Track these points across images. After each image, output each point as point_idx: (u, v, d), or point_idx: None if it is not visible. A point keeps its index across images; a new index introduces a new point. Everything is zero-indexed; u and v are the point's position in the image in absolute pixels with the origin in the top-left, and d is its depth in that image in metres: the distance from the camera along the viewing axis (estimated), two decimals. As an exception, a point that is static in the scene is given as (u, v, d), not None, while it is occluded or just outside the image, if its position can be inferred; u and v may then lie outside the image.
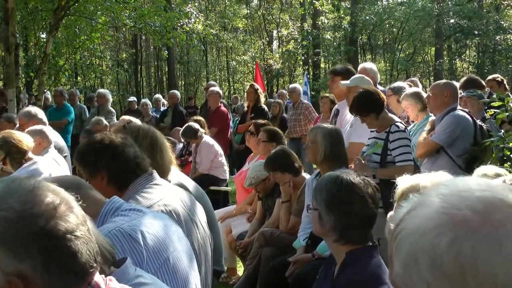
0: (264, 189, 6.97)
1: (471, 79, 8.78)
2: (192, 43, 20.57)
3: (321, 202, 3.38)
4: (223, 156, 10.61)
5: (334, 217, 3.32)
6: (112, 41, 37.73)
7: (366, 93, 5.91)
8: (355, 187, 3.37)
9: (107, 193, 3.35)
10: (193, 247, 3.38)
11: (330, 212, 3.33)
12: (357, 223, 3.34)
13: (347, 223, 3.32)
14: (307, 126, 12.37)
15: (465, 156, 6.10)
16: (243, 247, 6.81)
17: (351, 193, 3.35)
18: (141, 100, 18.04)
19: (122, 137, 3.44)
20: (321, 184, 3.45)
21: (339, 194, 3.35)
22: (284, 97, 17.06)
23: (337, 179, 3.40)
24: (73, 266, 1.65)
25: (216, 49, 47.33)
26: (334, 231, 3.33)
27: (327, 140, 5.53)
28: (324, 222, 3.36)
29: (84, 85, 36.31)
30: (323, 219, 3.36)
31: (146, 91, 43.76)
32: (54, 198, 1.68)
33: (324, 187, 3.40)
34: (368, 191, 3.40)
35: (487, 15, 38.65)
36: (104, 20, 17.63)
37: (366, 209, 3.36)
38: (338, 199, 3.34)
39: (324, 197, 3.37)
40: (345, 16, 35.62)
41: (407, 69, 40.48)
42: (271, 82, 40.83)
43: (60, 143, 7.92)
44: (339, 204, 3.34)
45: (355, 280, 3.23)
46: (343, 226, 3.31)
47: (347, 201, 3.34)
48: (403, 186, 2.86)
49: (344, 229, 3.32)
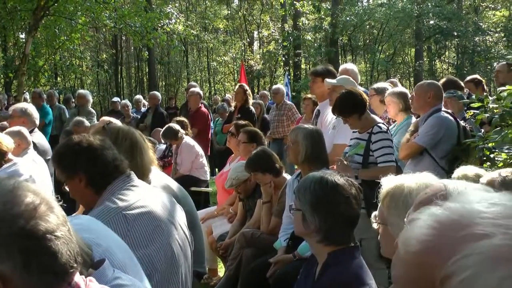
0: (245, 190, 6.97)
1: (451, 80, 8.83)
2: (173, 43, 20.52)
3: (306, 203, 3.36)
4: (204, 157, 10.60)
5: (319, 218, 3.31)
6: (92, 42, 37.56)
7: (349, 93, 5.93)
8: (340, 188, 3.36)
9: (85, 195, 3.33)
10: (172, 248, 3.37)
11: (315, 213, 3.32)
12: (341, 223, 3.34)
13: (332, 224, 3.31)
14: (290, 127, 12.38)
15: (448, 157, 6.12)
16: (224, 248, 6.80)
17: (336, 194, 3.34)
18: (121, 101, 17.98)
19: (101, 139, 3.40)
20: (305, 185, 3.43)
21: (325, 195, 3.34)
22: (266, 98, 17.07)
23: (322, 180, 3.39)
24: (53, 266, 1.64)
25: (197, 50, 47.28)
26: (318, 232, 3.33)
27: (308, 141, 5.55)
28: (308, 223, 3.35)
29: (64, 85, 36.15)
30: (307, 220, 3.35)
31: (127, 92, 43.61)
32: (34, 198, 1.67)
33: (309, 188, 3.39)
34: (352, 192, 3.40)
35: (466, 17, 39.04)
36: (84, 21, 17.56)
37: (350, 210, 3.36)
38: (324, 200, 3.33)
39: (309, 198, 3.36)
40: (326, 17, 35.72)
41: (387, 70, 40.68)
42: (252, 82, 40.83)
43: (45, 146, 7.87)
44: (324, 205, 3.33)
45: (337, 281, 3.22)
46: (328, 227, 3.31)
47: (332, 202, 3.33)
48: (387, 186, 2.86)
49: (328, 230, 3.31)
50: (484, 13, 43.02)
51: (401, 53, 44.64)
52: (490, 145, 5.09)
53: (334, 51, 35.71)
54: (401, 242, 1.20)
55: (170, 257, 3.33)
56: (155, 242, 3.22)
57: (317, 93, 7.75)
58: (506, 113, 4.76)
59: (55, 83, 31.30)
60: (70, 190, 3.41)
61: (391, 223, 2.77)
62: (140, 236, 3.15)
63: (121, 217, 3.12)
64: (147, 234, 3.18)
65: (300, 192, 3.44)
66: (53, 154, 3.45)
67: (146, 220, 3.21)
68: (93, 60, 39.01)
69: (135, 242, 3.12)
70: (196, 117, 12.41)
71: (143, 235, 3.16)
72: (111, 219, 3.09)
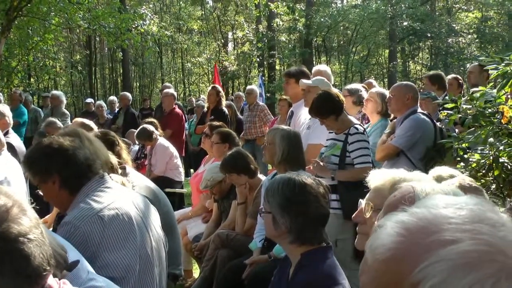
0: (220, 191, 6.96)
1: (438, 75, 8.94)
2: (147, 44, 20.41)
3: (275, 205, 3.37)
4: (178, 158, 10.57)
5: (290, 218, 3.32)
6: (66, 43, 37.27)
7: (326, 94, 5.95)
8: (308, 187, 3.38)
9: (59, 197, 3.31)
10: (146, 250, 3.36)
11: (285, 214, 3.33)
12: (312, 223, 3.36)
13: (303, 223, 3.33)
14: (262, 128, 12.41)
15: (425, 159, 6.14)
16: (198, 249, 6.79)
17: (305, 193, 3.36)
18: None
19: (71, 139, 3.39)
20: (273, 187, 3.44)
21: (293, 195, 3.35)
22: (241, 99, 17.04)
23: (290, 181, 3.41)
24: (26, 269, 1.63)
25: (171, 51, 47.09)
26: (290, 233, 3.33)
27: (285, 142, 5.56)
28: (279, 224, 3.35)
29: (38, 87, 35.81)
30: (277, 221, 3.36)
31: (101, 92, 43.33)
32: (6, 201, 1.65)
33: (277, 189, 3.40)
34: (320, 191, 3.42)
35: (439, 18, 39.46)
36: (57, 21, 17.41)
37: (320, 209, 3.38)
38: (293, 201, 3.34)
39: (278, 200, 3.36)
40: (300, 18, 35.89)
41: (362, 71, 40.89)
42: (226, 83, 40.81)
43: (22, 147, 7.81)
44: (294, 205, 3.34)
45: (310, 281, 3.24)
46: (299, 227, 3.32)
47: (301, 202, 3.35)
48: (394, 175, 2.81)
49: (300, 230, 3.32)
50: (457, 15, 43.43)
51: (375, 54, 44.88)
52: (464, 145, 5.13)
53: (308, 52, 35.87)
54: (369, 250, 1.19)
55: (145, 259, 3.33)
56: (130, 244, 3.21)
57: (290, 94, 7.78)
58: (479, 113, 4.79)
59: (28, 84, 30.99)
60: (44, 194, 3.39)
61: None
62: (116, 238, 3.14)
63: (97, 219, 3.11)
64: (123, 236, 3.17)
65: (269, 195, 3.44)
66: (24, 158, 3.41)
67: (121, 222, 3.20)
68: (67, 61, 38.74)
69: (110, 243, 3.11)
70: (170, 118, 12.36)
71: (118, 236, 3.15)
72: (87, 221, 3.07)
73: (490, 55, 5.14)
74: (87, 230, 3.05)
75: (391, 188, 2.47)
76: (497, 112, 4.81)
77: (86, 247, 3.02)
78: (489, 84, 6.20)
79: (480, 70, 8.10)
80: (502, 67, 4.70)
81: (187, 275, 7.47)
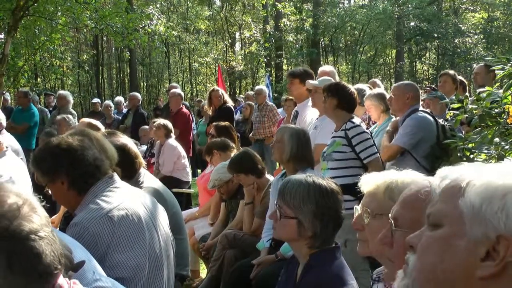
0: (227, 191, 6.96)
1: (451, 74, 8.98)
2: (154, 44, 20.37)
3: (307, 211, 3.30)
4: (186, 158, 10.58)
5: (321, 225, 3.30)
6: (73, 42, 37.24)
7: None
8: (335, 193, 3.38)
9: (68, 197, 3.30)
10: (155, 250, 3.37)
11: (316, 220, 3.29)
12: (338, 227, 3.38)
13: (332, 229, 3.35)
14: (271, 128, 12.40)
15: (429, 157, 6.15)
16: (206, 249, 6.80)
17: (335, 199, 3.35)
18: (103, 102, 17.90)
19: (80, 139, 3.36)
20: (303, 193, 3.34)
21: (326, 202, 3.32)
22: (251, 99, 17.05)
23: (321, 187, 3.35)
24: (37, 267, 1.63)
25: (179, 51, 47.00)
26: (315, 238, 3.31)
27: (293, 140, 5.56)
28: (305, 229, 3.30)
29: (44, 86, 35.82)
30: (304, 227, 3.31)
31: (108, 93, 43.27)
32: (17, 199, 1.66)
33: (308, 195, 3.33)
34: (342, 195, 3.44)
35: (446, 18, 39.33)
36: (64, 21, 17.39)
37: (342, 213, 3.39)
38: (326, 207, 3.32)
39: (311, 206, 3.30)
40: (307, 18, 35.87)
41: (369, 71, 40.84)
42: (233, 84, 40.81)
43: (15, 146, 7.77)
44: (326, 211, 3.32)
45: (319, 282, 3.22)
46: (327, 233, 3.33)
47: (333, 208, 3.34)
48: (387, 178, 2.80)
49: (328, 235, 3.34)
50: (464, 15, 43.31)
51: (382, 54, 44.82)
52: (470, 145, 5.13)
53: (315, 52, 35.85)
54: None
55: (154, 259, 3.33)
56: (140, 244, 3.21)
57: (295, 94, 7.78)
58: (486, 114, 4.79)
59: (35, 84, 31.00)
60: (53, 194, 3.38)
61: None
62: (126, 239, 3.13)
63: (107, 219, 3.10)
64: (132, 236, 3.17)
65: (296, 200, 3.34)
66: (32, 158, 3.39)
67: (130, 222, 3.19)
68: (73, 60, 38.68)
69: (120, 244, 3.11)
70: (178, 118, 12.35)
71: (128, 237, 3.15)
72: (97, 222, 3.07)
73: (497, 55, 5.15)
74: (96, 231, 3.05)
75: (385, 190, 2.48)
76: (503, 112, 4.81)
77: (96, 248, 3.02)
78: (496, 84, 6.21)
79: (487, 71, 8.09)
80: (508, 67, 4.70)
81: (194, 275, 7.47)
